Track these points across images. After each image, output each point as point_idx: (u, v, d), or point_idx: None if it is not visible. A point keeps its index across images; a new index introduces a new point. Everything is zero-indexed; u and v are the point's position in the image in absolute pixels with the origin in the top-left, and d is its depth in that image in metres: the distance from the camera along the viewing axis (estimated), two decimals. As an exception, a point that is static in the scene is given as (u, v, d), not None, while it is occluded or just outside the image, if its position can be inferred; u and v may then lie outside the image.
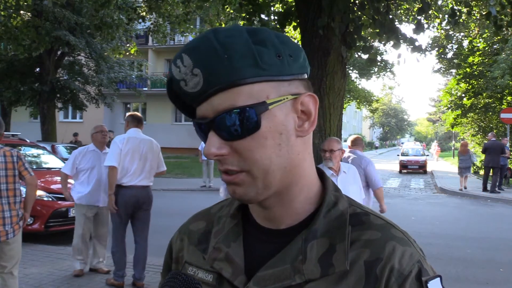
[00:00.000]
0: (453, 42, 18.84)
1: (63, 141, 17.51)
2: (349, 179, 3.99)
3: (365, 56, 6.18)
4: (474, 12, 8.75)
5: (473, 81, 20.61)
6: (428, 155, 30.48)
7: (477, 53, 19.57)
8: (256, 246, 0.74)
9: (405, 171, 23.11)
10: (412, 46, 4.92)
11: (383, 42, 6.64)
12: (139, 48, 16.19)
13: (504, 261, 6.41)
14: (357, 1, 4.67)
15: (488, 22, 5.52)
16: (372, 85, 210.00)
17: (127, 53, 13.78)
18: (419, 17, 5.17)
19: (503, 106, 19.11)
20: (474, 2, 7.45)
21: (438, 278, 0.69)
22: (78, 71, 19.23)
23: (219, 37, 0.64)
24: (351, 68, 24.07)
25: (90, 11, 10.91)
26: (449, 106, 23.00)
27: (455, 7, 6.90)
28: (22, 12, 11.40)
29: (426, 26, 9.67)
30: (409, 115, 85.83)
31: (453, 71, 22.57)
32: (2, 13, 10.39)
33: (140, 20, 8.82)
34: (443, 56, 21.46)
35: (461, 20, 8.48)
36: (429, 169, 23.78)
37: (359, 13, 4.63)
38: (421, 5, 4.82)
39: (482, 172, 16.72)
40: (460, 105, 21.92)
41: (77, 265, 5.09)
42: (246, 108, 0.64)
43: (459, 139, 32.72)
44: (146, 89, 25.54)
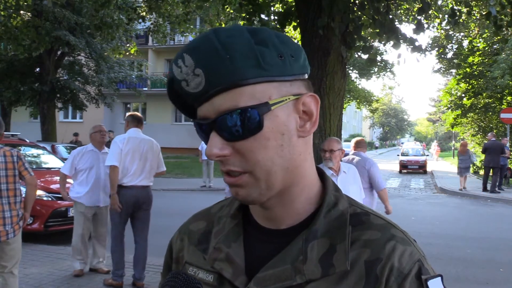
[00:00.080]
0: (453, 42, 18.84)
1: (63, 141, 17.51)
2: (349, 179, 3.99)
3: (365, 56, 6.18)
4: (474, 12, 8.75)
5: (473, 81, 20.61)
6: (428, 155, 30.49)
7: (477, 53, 19.56)
8: (257, 246, 0.74)
9: (405, 171, 23.11)
10: (412, 46, 4.93)
11: (383, 42, 6.64)
12: (139, 48, 16.19)
13: (504, 261, 6.41)
14: (357, 1, 4.67)
15: (488, 22, 5.52)
16: (372, 85, 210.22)
17: (127, 53, 13.78)
18: (419, 17, 5.17)
19: (503, 106, 19.11)
20: (474, 2, 7.46)
21: (439, 278, 0.68)
22: (78, 71, 19.23)
23: (220, 37, 0.64)
24: (351, 68, 24.08)
25: (90, 11, 10.90)
26: (449, 106, 23.01)
27: (455, 7, 6.89)
28: (22, 12, 11.40)
29: (426, 26, 9.66)
30: (409, 115, 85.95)
31: (453, 71, 22.57)
32: (2, 13, 10.39)
33: (140, 20, 8.82)
34: (443, 56, 21.46)
35: (461, 20, 8.48)
36: (429, 169, 23.78)
37: (359, 13, 4.63)
38: (421, 5, 4.82)
39: (482, 172, 16.72)
40: (460, 105, 21.92)
41: (77, 265, 5.09)
42: (249, 108, 0.64)
43: (459, 139, 32.71)
44: (146, 89, 25.54)
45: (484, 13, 7.21)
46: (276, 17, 6.00)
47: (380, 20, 4.44)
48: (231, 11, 8.40)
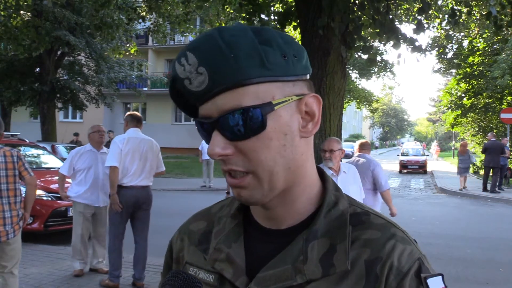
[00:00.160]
0: (453, 42, 18.84)
1: (63, 141, 17.51)
2: (349, 179, 3.99)
3: (365, 56, 6.18)
4: (474, 12, 8.75)
5: (473, 81, 20.61)
6: (428, 155, 30.49)
7: (477, 53, 19.57)
8: (257, 247, 0.74)
9: (405, 171, 23.11)
10: (412, 46, 4.93)
11: (383, 42, 6.65)
12: (139, 48, 16.20)
13: (504, 261, 6.41)
14: (357, 1, 4.67)
15: (488, 22, 5.52)
16: (372, 85, 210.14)
17: (127, 53, 13.78)
18: (419, 17, 5.17)
19: (503, 106, 19.11)
20: (474, 2, 7.46)
21: (439, 277, 0.68)
22: (78, 71, 19.23)
23: (224, 35, 0.64)
24: (351, 68, 24.08)
25: (90, 11, 10.91)
26: (449, 106, 23.01)
27: (455, 7, 6.90)
28: (22, 12, 11.40)
29: (426, 26, 9.66)
30: (409, 115, 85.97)
31: (453, 71, 22.58)
32: (2, 13, 10.39)
33: (140, 20, 8.83)
34: (443, 56, 21.46)
35: (461, 20, 8.48)
36: (429, 169, 23.78)
37: (359, 13, 4.63)
38: (421, 5, 4.82)
39: (482, 172, 16.72)
40: (460, 105, 21.92)
41: (77, 265, 5.09)
42: (252, 108, 0.64)
43: (459, 139, 32.74)
44: (146, 89, 25.54)
45: (484, 13, 7.22)
46: (276, 17, 6.00)
47: (380, 20, 4.45)
48: (231, 11, 8.41)
